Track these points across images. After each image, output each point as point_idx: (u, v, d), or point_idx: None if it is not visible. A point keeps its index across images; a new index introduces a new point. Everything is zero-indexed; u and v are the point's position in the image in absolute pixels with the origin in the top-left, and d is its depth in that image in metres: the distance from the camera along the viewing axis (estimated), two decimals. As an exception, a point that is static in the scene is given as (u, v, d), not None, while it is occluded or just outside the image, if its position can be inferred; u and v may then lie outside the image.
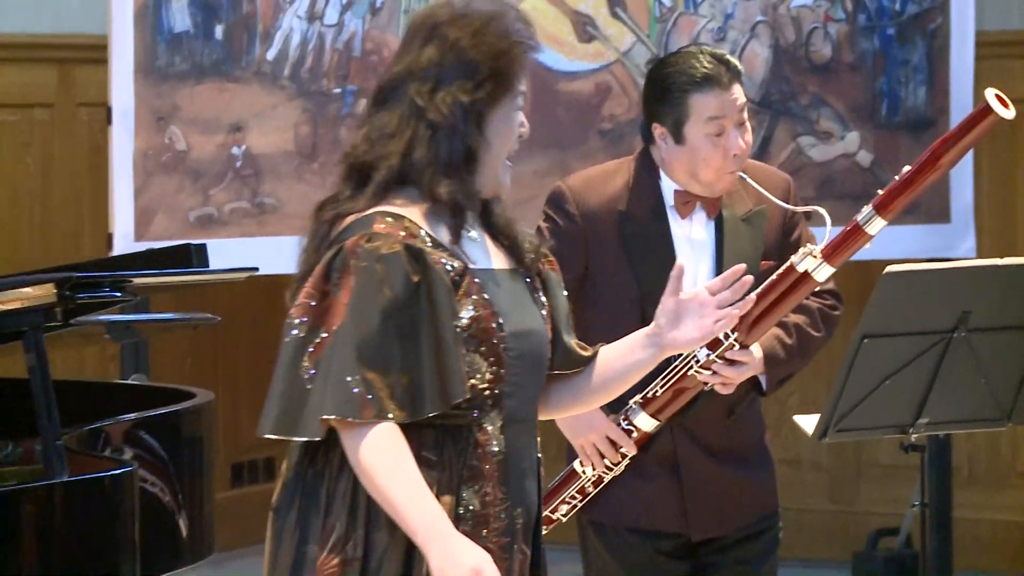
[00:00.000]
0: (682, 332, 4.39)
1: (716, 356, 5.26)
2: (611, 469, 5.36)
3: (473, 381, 4.28)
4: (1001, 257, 6.51)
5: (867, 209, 5.28)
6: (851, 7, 8.48)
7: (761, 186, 5.42)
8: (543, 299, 4.49)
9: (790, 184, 5.58)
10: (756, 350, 5.35)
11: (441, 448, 4.31)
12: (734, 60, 5.48)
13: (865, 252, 7.42)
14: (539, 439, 4.48)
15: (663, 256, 5.38)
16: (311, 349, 4.23)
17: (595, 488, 5.37)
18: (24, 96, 9.28)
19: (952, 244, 8.33)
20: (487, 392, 4.31)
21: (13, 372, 5.24)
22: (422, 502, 4.20)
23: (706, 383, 5.30)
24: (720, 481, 5.47)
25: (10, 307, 4.94)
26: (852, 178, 8.07)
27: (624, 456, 5.34)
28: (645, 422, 5.32)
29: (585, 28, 8.35)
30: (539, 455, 4.48)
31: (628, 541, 5.48)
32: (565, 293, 4.57)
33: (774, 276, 5.26)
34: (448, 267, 4.27)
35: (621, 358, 4.52)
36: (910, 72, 8.53)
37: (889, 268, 5.39)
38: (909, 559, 8.82)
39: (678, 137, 5.39)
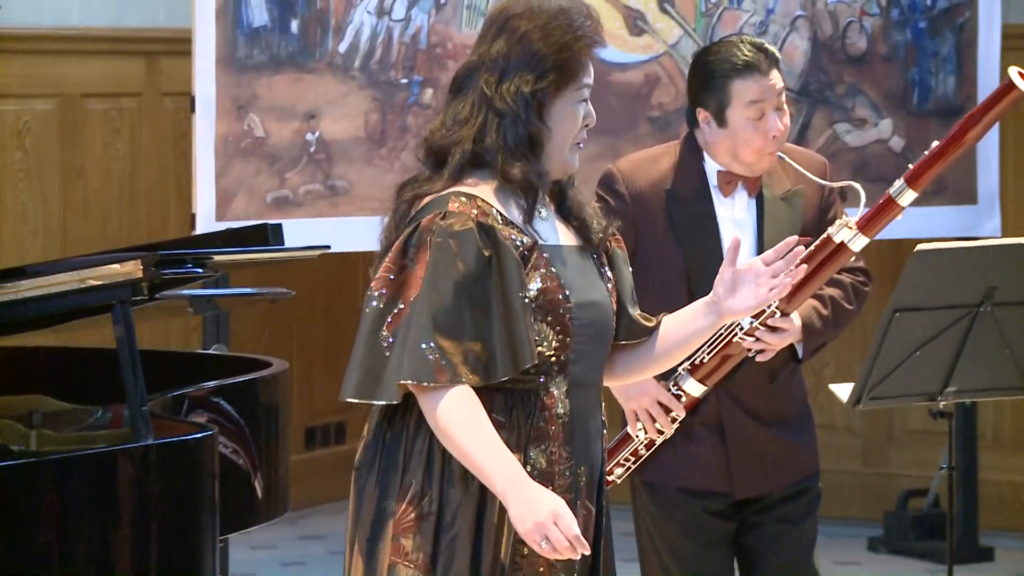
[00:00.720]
0: (738, 300, 4.40)
1: (759, 323, 5.24)
2: (662, 432, 5.33)
3: (541, 348, 4.30)
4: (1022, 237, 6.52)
5: (899, 182, 5.28)
6: (885, 2, 8.44)
7: (795, 175, 5.40)
8: (609, 274, 4.49)
9: (826, 165, 5.53)
10: (795, 318, 5.30)
11: (510, 410, 4.34)
12: (772, 48, 5.44)
13: (896, 231, 7.36)
14: (604, 409, 4.48)
15: (707, 233, 5.40)
16: (389, 319, 4.27)
17: (647, 451, 5.34)
18: (114, 86, 9.27)
19: (978, 224, 8.28)
20: (553, 359, 4.33)
21: (103, 343, 5.21)
22: (500, 455, 4.24)
23: (749, 350, 5.26)
24: (763, 443, 5.42)
25: (100, 282, 4.91)
26: (886, 162, 8.01)
27: (674, 420, 5.30)
28: (693, 387, 5.29)
29: (636, 22, 8.33)
30: (604, 418, 4.49)
31: (677, 500, 5.44)
32: (630, 269, 4.57)
33: (812, 247, 5.22)
34: (518, 243, 4.29)
35: (682, 327, 4.52)
36: (940, 63, 8.49)
37: (920, 246, 5.36)
38: (937, 519, 8.77)
39: (721, 120, 5.35)
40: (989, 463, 9.03)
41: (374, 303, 4.28)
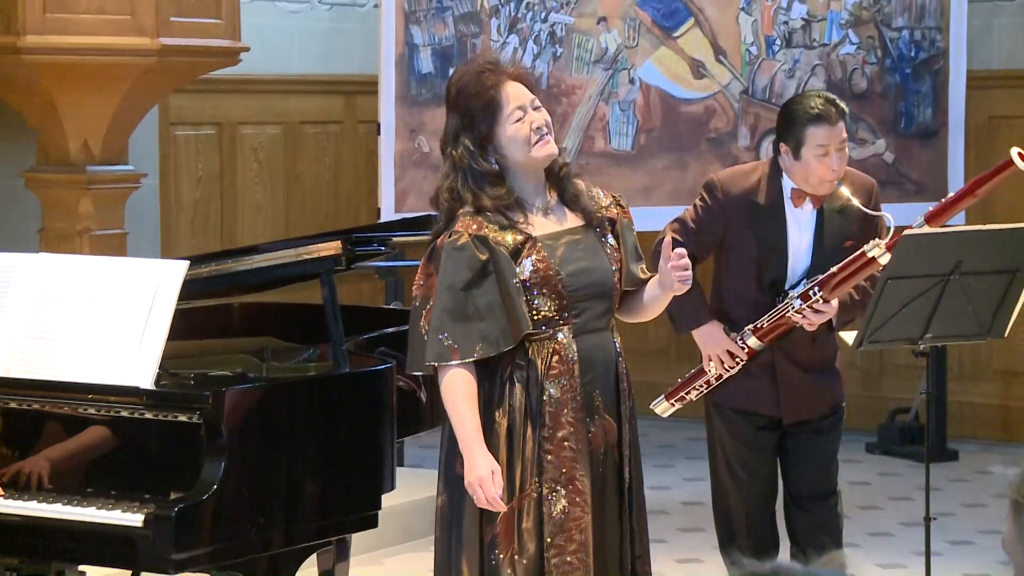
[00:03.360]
0: (666, 283, 4.40)
1: (807, 306, 5.21)
2: (728, 371, 5.32)
3: (543, 312, 4.35)
4: (983, 224, 6.42)
5: (919, 219, 5.28)
6: (880, 54, 8.35)
7: (853, 187, 5.33)
8: (612, 242, 4.47)
9: (874, 187, 5.48)
10: (834, 302, 5.27)
11: (527, 356, 4.34)
12: (842, 104, 5.36)
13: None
14: (617, 339, 4.49)
15: (777, 232, 5.33)
16: (424, 313, 4.34)
17: (716, 382, 5.34)
18: (322, 116, 9.29)
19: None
20: (555, 316, 4.35)
21: (313, 300, 5.22)
22: (467, 426, 4.29)
23: (797, 322, 5.24)
24: (805, 384, 5.40)
25: (312, 256, 4.93)
26: (880, 171, 7.89)
27: (738, 363, 5.30)
28: (754, 342, 5.28)
29: (698, 69, 8.25)
30: (618, 351, 4.49)
31: (736, 418, 5.44)
32: (634, 233, 4.57)
33: (852, 256, 5.21)
34: (510, 242, 4.32)
35: (649, 292, 4.52)
36: (920, 98, 8.38)
37: (906, 232, 5.27)
38: (917, 430, 8.69)
39: (797, 155, 5.26)
40: (955, 389, 8.94)
41: (416, 303, 4.37)
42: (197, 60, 7.25)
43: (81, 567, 4.71)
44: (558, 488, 4.31)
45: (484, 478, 4.23)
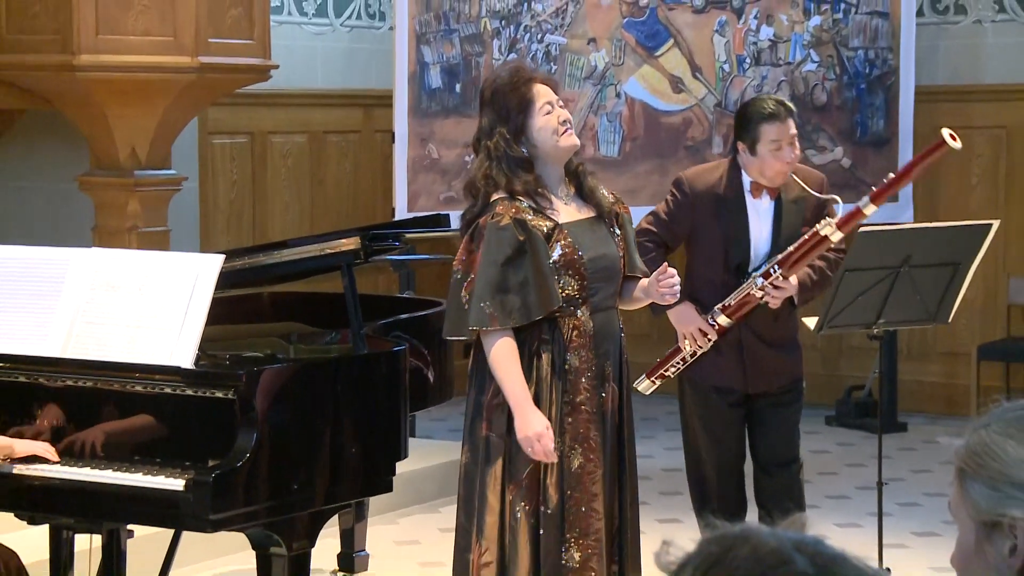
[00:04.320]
0: (652, 295, 4.56)
1: (768, 283, 5.19)
2: (701, 348, 5.29)
3: (568, 291, 4.43)
4: (929, 222, 6.42)
5: (865, 199, 5.22)
6: (838, 71, 8.34)
7: (805, 180, 5.33)
8: (618, 233, 4.59)
9: (823, 180, 5.46)
10: (793, 279, 5.25)
11: (552, 330, 4.43)
12: (789, 104, 5.41)
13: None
14: (620, 317, 4.65)
15: (740, 221, 5.33)
16: (465, 284, 4.41)
17: (691, 359, 5.30)
18: (343, 126, 9.28)
19: (899, 215, 8.18)
20: (577, 295, 4.45)
21: (334, 289, 5.22)
22: (517, 385, 4.36)
23: (761, 299, 5.21)
24: (767, 357, 5.37)
25: (333, 251, 4.91)
26: (838, 175, 7.88)
27: (709, 341, 5.26)
28: (723, 320, 5.25)
29: (677, 85, 8.25)
30: (621, 327, 4.62)
31: (708, 393, 5.41)
32: (633, 227, 4.72)
33: (806, 236, 5.21)
34: (544, 227, 4.40)
35: (638, 291, 4.65)
36: (874, 111, 8.38)
37: (862, 230, 5.30)
38: (870, 404, 8.68)
39: (753, 151, 5.27)
40: (905, 369, 8.93)
41: (457, 276, 4.44)
42: (232, 76, 7.26)
43: (129, 526, 4.71)
44: (576, 446, 4.43)
45: (541, 433, 4.33)
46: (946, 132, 5.17)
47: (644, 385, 5.38)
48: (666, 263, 4.67)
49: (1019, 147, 8.89)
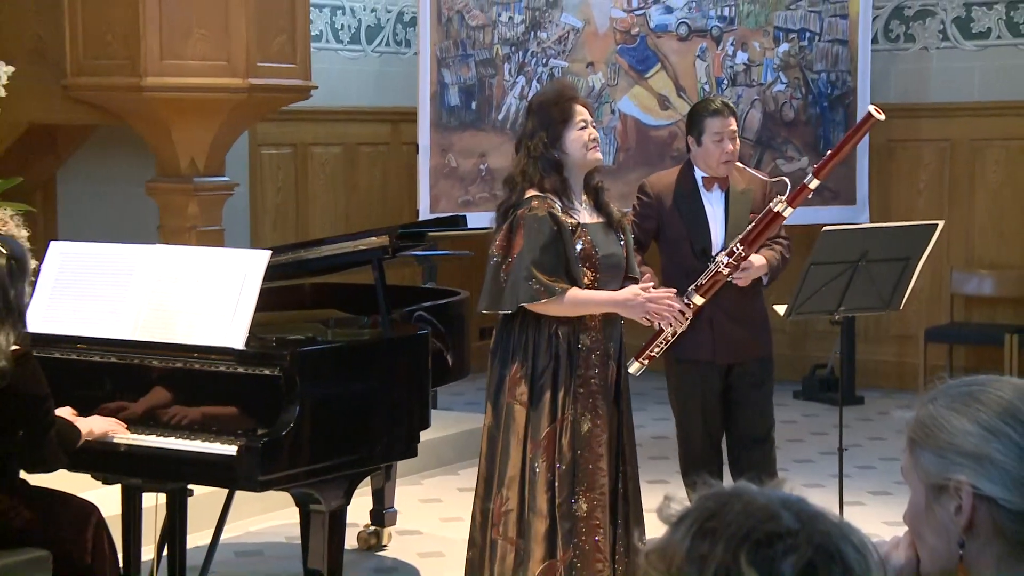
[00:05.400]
0: (632, 312, 4.61)
1: (732, 260, 5.17)
2: (680, 327, 5.20)
3: (585, 280, 4.48)
4: (882, 223, 6.40)
5: (809, 175, 5.23)
6: (804, 91, 8.34)
7: (750, 180, 5.35)
8: (622, 239, 4.65)
9: (766, 183, 5.42)
10: (757, 259, 5.21)
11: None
12: (731, 104, 5.44)
13: (812, 219, 7.27)
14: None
15: (698, 212, 5.31)
16: (504, 266, 4.46)
17: (672, 338, 5.22)
18: (374, 138, 9.27)
19: (856, 216, 8.18)
20: (591, 285, 4.50)
21: (366, 280, 5.21)
22: (601, 298, 4.51)
23: (728, 276, 5.17)
24: (735, 332, 5.33)
25: (365, 247, 4.89)
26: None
27: (686, 319, 5.16)
28: (698, 300, 5.19)
29: (664, 102, 8.24)
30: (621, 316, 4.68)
31: (687, 365, 5.37)
32: (632, 235, 4.79)
33: (761, 215, 5.20)
34: (568, 223, 4.46)
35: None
36: (835, 126, 8.36)
37: (825, 228, 5.28)
38: (832, 380, 8.68)
39: (699, 143, 5.29)
40: (862, 349, 8.93)
41: (496, 259, 4.49)
42: (277, 96, 7.25)
43: (189, 486, 4.71)
44: (586, 413, 4.50)
45: (637, 291, 4.52)
46: (872, 108, 5.18)
47: (634, 367, 5.30)
48: (649, 273, 4.75)
49: (961, 157, 8.89)
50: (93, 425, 4.25)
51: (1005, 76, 8.70)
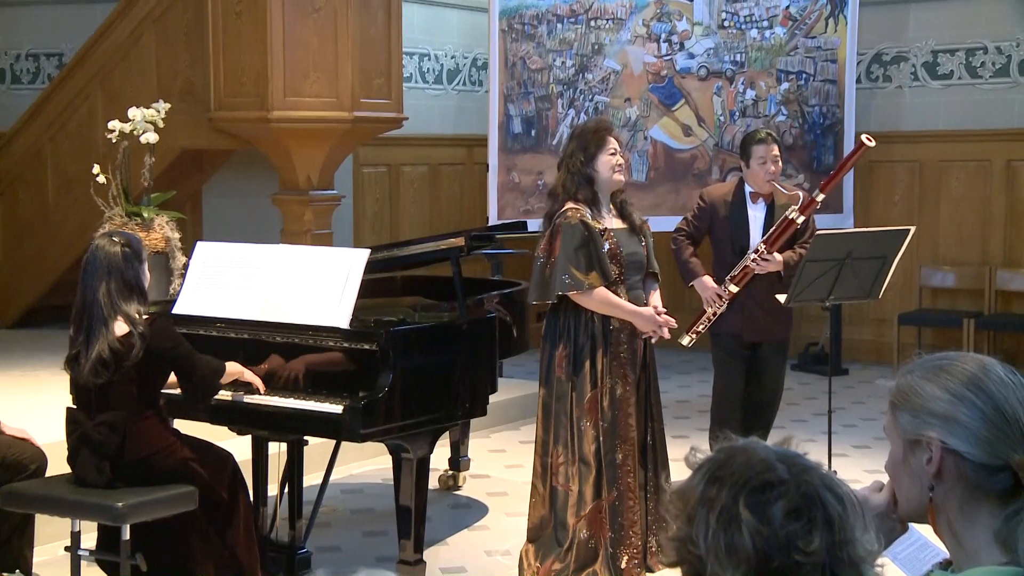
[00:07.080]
0: (644, 326, 4.52)
1: (756, 256, 5.18)
2: (719, 309, 5.24)
3: (613, 275, 4.44)
4: (864, 228, 6.31)
5: (817, 191, 5.29)
6: (801, 121, 8.25)
7: (788, 195, 5.31)
8: (642, 241, 4.60)
9: (799, 195, 5.36)
10: (777, 256, 5.22)
11: None
12: (775, 134, 5.42)
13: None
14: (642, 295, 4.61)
15: (742, 218, 5.32)
16: (548, 265, 4.44)
17: (714, 318, 5.25)
18: (453, 160, 9.28)
19: (843, 223, 8.09)
20: (617, 279, 4.47)
21: (446, 273, 5.21)
22: (622, 306, 4.46)
23: (754, 269, 5.20)
24: (760, 315, 5.33)
25: (446, 247, 4.87)
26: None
27: (724, 303, 5.21)
28: (733, 288, 5.23)
29: (687, 130, 8.18)
30: (645, 301, 4.59)
31: (726, 340, 5.36)
32: (652, 240, 4.69)
33: (779, 221, 5.21)
34: (598, 227, 4.46)
35: (646, 297, 4.64)
36: (826, 149, 8.28)
37: (818, 233, 5.24)
38: (823, 355, 8.62)
39: (747, 164, 5.30)
40: (847, 330, 8.83)
41: (540, 260, 4.47)
42: (376, 125, 7.28)
43: (305, 437, 4.73)
44: (618, 380, 4.49)
45: (652, 314, 4.46)
46: (864, 137, 5.20)
47: (686, 340, 5.33)
48: (664, 311, 4.60)
49: (929, 175, 8.80)
50: (244, 372, 4.28)
51: (965, 109, 8.64)
